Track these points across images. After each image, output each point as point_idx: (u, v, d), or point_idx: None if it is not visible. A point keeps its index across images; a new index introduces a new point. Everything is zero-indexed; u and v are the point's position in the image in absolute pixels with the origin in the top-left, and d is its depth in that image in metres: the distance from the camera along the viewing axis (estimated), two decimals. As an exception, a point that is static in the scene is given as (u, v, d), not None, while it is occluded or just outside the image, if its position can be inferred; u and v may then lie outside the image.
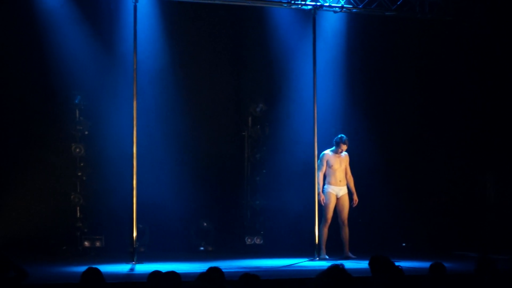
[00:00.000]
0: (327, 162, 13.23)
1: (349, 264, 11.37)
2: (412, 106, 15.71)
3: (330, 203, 13.18)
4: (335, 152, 13.25)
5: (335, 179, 13.24)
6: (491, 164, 15.37)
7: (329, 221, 13.21)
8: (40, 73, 14.07)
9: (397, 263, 6.85)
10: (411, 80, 15.71)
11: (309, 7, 13.60)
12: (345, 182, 13.32)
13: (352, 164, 13.48)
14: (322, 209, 13.17)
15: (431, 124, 15.65)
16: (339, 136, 13.22)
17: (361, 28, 15.31)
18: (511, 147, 15.15)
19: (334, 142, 13.23)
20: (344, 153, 13.33)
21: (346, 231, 13.28)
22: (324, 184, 13.26)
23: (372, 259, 6.82)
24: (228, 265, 11.69)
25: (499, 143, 15.16)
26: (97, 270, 6.70)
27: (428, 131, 15.67)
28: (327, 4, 13.69)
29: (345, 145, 13.18)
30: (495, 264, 7.48)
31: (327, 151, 13.29)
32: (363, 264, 11.76)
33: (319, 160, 13.22)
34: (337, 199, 13.24)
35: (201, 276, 6.62)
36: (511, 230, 15.02)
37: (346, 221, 13.29)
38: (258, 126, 15.24)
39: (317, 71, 13.53)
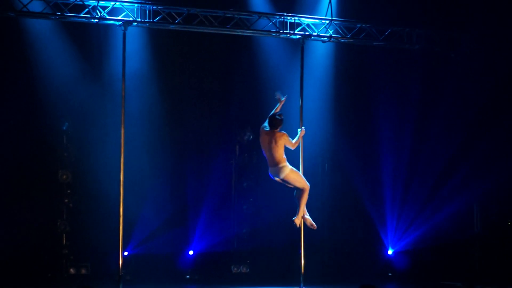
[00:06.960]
0: None
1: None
2: (400, 135, 15.73)
3: None
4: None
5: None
6: (478, 194, 15.39)
7: None
8: (27, 99, 14.03)
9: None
10: (400, 110, 15.73)
11: (298, 36, 13.65)
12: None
13: (339, 195, 13.25)
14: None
15: (418, 152, 15.66)
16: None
17: (349, 57, 15.37)
18: (496, 177, 15.19)
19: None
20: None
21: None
22: None
23: (362, 287, 6.81)
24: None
25: (485, 173, 15.18)
26: None
27: (416, 160, 15.67)
28: (315, 33, 13.75)
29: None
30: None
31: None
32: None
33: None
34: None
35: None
36: (497, 261, 15.03)
37: None
38: (246, 155, 15.24)
39: (305, 100, 13.53)
